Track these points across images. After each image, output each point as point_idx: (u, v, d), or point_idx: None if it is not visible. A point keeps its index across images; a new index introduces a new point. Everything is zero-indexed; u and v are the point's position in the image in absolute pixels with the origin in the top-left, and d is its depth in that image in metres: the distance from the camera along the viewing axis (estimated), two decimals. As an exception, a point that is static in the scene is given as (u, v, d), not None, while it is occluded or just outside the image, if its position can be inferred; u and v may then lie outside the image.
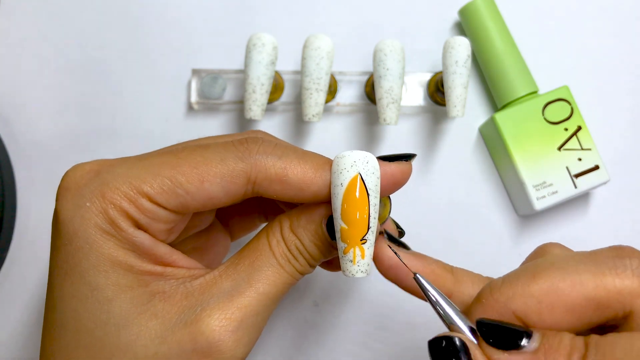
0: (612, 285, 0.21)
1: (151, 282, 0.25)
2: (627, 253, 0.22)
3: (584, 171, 0.38)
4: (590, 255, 0.22)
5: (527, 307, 0.22)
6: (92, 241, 0.24)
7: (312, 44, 0.35)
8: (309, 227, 0.26)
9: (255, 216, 0.34)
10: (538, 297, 0.22)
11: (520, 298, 0.22)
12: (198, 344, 0.23)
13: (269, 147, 0.25)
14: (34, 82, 0.41)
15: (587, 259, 0.22)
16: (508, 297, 0.22)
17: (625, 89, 0.42)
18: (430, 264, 0.27)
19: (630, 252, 0.22)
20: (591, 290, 0.21)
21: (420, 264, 0.26)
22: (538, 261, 0.23)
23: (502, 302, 0.23)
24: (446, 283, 0.26)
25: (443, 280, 0.26)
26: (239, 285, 0.25)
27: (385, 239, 0.27)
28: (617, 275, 0.21)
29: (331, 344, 0.39)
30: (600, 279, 0.21)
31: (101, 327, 0.24)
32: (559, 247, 0.26)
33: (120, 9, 0.41)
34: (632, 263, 0.21)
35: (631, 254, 0.22)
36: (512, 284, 0.23)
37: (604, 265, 0.22)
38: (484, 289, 0.24)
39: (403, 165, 0.26)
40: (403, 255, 0.26)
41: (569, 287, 0.21)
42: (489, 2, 0.40)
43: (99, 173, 0.25)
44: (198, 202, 0.25)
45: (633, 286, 0.21)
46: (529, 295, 0.22)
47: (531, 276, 0.22)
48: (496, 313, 0.23)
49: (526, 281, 0.22)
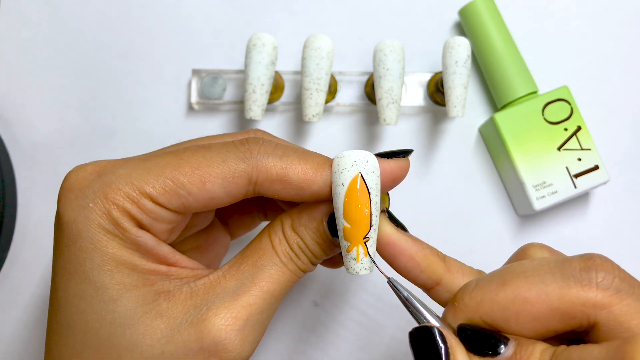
0: (577, 298, 0.22)
1: (156, 281, 0.25)
2: (595, 264, 0.22)
3: (584, 171, 0.38)
4: (559, 265, 0.23)
5: (494, 313, 0.23)
6: (96, 241, 0.24)
7: (312, 44, 0.35)
8: (311, 225, 0.26)
9: (254, 214, 0.34)
10: (504, 305, 0.23)
11: (488, 304, 0.23)
12: (204, 342, 0.24)
13: (270, 148, 0.26)
14: (34, 82, 0.41)
15: (556, 269, 0.22)
16: (477, 303, 0.23)
17: (625, 89, 0.42)
18: (424, 248, 0.27)
19: (599, 264, 0.22)
20: (555, 302, 0.22)
21: (414, 247, 0.27)
22: (511, 266, 0.24)
23: (471, 307, 0.23)
24: (437, 269, 0.26)
25: (435, 266, 0.26)
26: (243, 284, 0.25)
27: (385, 217, 0.27)
28: (582, 288, 0.22)
29: (331, 344, 0.39)
30: (565, 291, 0.22)
31: (107, 327, 0.24)
32: (539, 250, 0.27)
33: (120, 9, 0.41)
34: (597, 276, 0.22)
35: (599, 265, 0.22)
36: (482, 290, 0.23)
37: (571, 277, 0.22)
38: (459, 290, 0.24)
39: (401, 161, 0.27)
40: (401, 236, 0.27)
41: (534, 297, 0.22)
42: (489, 2, 0.40)
43: (101, 174, 0.25)
44: (200, 203, 0.25)
45: (596, 299, 0.21)
46: (495, 302, 0.23)
47: (500, 283, 0.23)
48: (466, 317, 0.24)
49: (495, 288, 0.23)
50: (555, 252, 0.27)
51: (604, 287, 0.22)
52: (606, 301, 0.21)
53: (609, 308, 0.21)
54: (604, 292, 0.21)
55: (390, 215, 0.28)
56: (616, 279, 0.22)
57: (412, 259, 0.27)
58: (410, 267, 0.27)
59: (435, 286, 0.27)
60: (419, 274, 0.27)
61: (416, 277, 0.27)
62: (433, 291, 0.27)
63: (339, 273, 0.40)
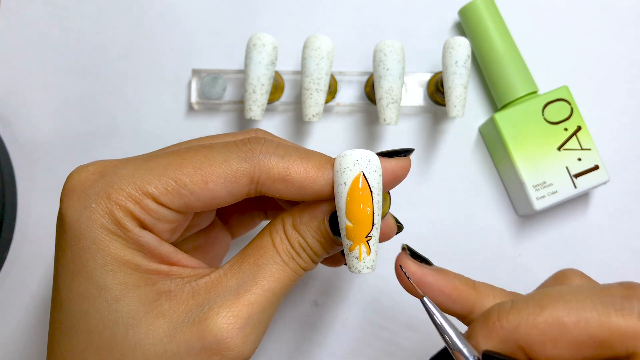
0: (616, 326, 0.21)
1: (158, 281, 0.25)
2: (637, 293, 0.22)
3: (584, 171, 0.38)
4: (598, 292, 0.22)
5: (531, 337, 0.22)
6: (99, 241, 0.24)
7: (312, 44, 0.35)
8: (312, 224, 0.26)
9: (254, 213, 0.35)
10: (542, 329, 0.22)
11: (525, 328, 0.22)
12: (206, 341, 0.24)
13: (272, 147, 0.26)
14: (34, 82, 0.41)
15: (596, 296, 0.22)
16: (513, 326, 0.23)
17: (625, 89, 0.42)
18: (452, 279, 0.27)
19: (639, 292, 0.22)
20: (595, 329, 0.21)
21: (442, 280, 0.27)
22: (548, 290, 0.23)
23: (507, 329, 0.23)
24: (469, 298, 0.26)
25: (466, 295, 0.26)
26: (244, 283, 0.25)
27: (407, 255, 0.27)
28: (622, 317, 0.21)
29: (331, 344, 0.39)
30: (605, 319, 0.21)
31: (110, 327, 0.24)
32: (578, 276, 0.26)
33: (120, 9, 0.41)
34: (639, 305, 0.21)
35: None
36: (520, 312, 0.23)
37: (611, 305, 0.21)
38: (491, 310, 0.24)
39: (402, 160, 0.27)
40: (426, 272, 0.27)
41: (573, 323, 0.22)
42: (489, 2, 0.40)
43: (104, 174, 0.25)
44: (202, 202, 0.25)
45: (637, 329, 0.21)
46: (533, 326, 0.22)
47: (539, 307, 0.22)
48: (500, 340, 0.23)
49: (533, 311, 0.22)
50: (592, 281, 0.27)
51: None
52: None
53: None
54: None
55: (412, 251, 0.28)
56: None
57: (442, 292, 0.27)
58: (441, 300, 0.27)
59: (469, 314, 0.26)
60: (452, 305, 0.27)
61: (449, 308, 0.27)
62: (467, 319, 0.27)
63: (339, 273, 0.40)
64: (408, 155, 0.27)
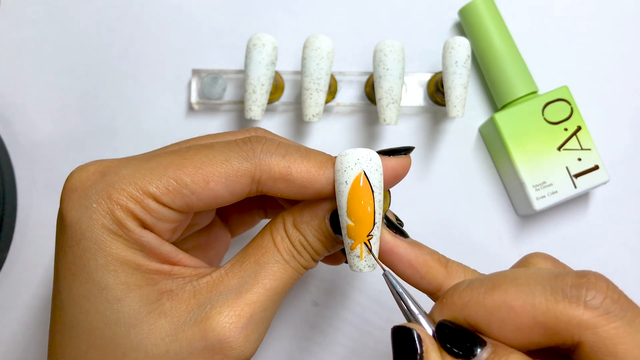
0: (562, 314, 0.21)
1: (159, 281, 0.25)
2: (588, 283, 0.21)
3: (584, 171, 0.38)
4: (552, 278, 0.22)
5: (479, 316, 0.22)
6: (100, 242, 0.24)
7: (312, 44, 0.35)
8: (312, 222, 0.26)
9: (255, 212, 0.35)
10: (490, 310, 0.22)
11: (474, 307, 0.22)
12: (209, 341, 0.24)
13: (273, 146, 0.26)
14: (34, 82, 0.41)
15: (547, 282, 0.22)
16: (463, 303, 0.23)
17: (625, 89, 0.42)
18: (424, 254, 0.27)
19: (592, 282, 0.21)
20: (540, 315, 0.21)
21: (413, 253, 0.27)
22: (505, 272, 0.24)
23: (457, 305, 0.23)
24: (438, 275, 0.26)
25: (435, 272, 0.26)
26: (246, 282, 0.25)
27: (384, 224, 0.27)
28: (569, 305, 0.21)
29: (331, 344, 0.39)
30: (552, 305, 0.21)
31: (111, 327, 0.24)
32: (542, 260, 0.26)
33: (120, 9, 0.41)
34: (587, 294, 0.21)
35: (592, 284, 0.21)
36: (471, 291, 0.23)
37: (560, 292, 0.21)
38: (450, 288, 0.24)
39: (403, 159, 0.27)
40: (399, 243, 0.27)
41: (519, 307, 0.21)
42: (489, 2, 0.40)
43: (104, 174, 0.25)
44: (203, 202, 0.25)
45: (583, 317, 0.21)
46: (482, 306, 0.22)
47: (490, 287, 0.23)
48: (451, 315, 0.23)
49: (483, 291, 0.23)
50: (559, 265, 0.26)
51: (593, 306, 0.21)
52: (592, 322, 0.20)
53: (595, 329, 0.20)
54: (591, 312, 0.21)
55: (389, 220, 0.27)
56: (607, 299, 0.21)
57: (411, 265, 0.26)
58: (409, 273, 0.27)
59: (437, 292, 0.26)
60: (419, 280, 0.26)
61: (417, 283, 0.27)
62: (435, 296, 0.27)
63: (339, 272, 0.40)
64: (408, 154, 0.27)
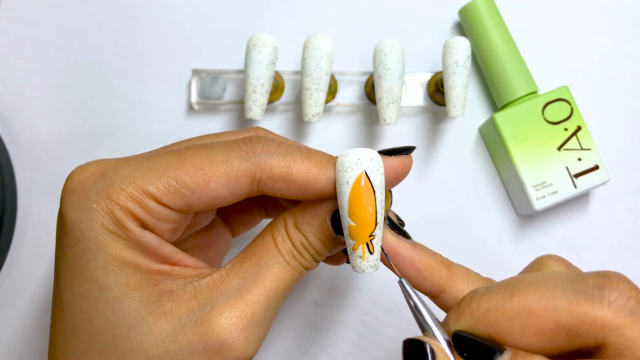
0: (586, 316, 0.20)
1: (160, 281, 0.25)
2: (610, 283, 0.21)
3: (584, 171, 0.38)
4: (572, 280, 0.22)
5: (500, 324, 0.22)
6: (100, 242, 0.24)
7: (312, 44, 0.35)
8: (314, 223, 0.26)
9: (255, 211, 0.34)
10: (510, 316, 0.22)
11: (494, 314, 0.22)
12: (209, 342, 0.24)
13: (273, 146, 0.26)
14: (34, 83, 0.41)
15: (568, 284, 0.21)
16: (483, 311, 0.22)
17: (625, 89, 0.42)
18: (427, 256, 0.27)
19: (614, 282, 0.21)
20: (564, 318, 0.21)
21: (416, 255, 0.26)
22: (522, 277, 0.23)
23: (477, 314, 0.23)
24: (440, 277, 0.26)
25: (438, 274, 0.26)
26: (246, 283, 0.25)
27: (386, 225, 0.27)
28: (593, 306, 0.20)
29: (331, 344, 0.39)
30: (575, 307, 0.21)
31: (111, 328, 0.24)
32: (556, 262, 0.26)
33: (120, 9, 0.41)
34: (611, 295, 0.20)
35: (614, 284, 0.21)
36: (490, 298, 0.22)
37: (582, 293, 0.21)
38: (465, 296, 0.24)
39: (404, 158, 0.27)
40: (401, 244, 0.27)
41: (542, 311, 0.21)
42: (489, 2, 0.40)
43: (104, 174, 0.25)
44: (203, 202, 0.25)
45: (607, 318, 0.20)
46: (502, 313, 0.22)
47: (509, 293, 0.22)
48: (470, 325, 0.23)
49: (503, 297, 0.22)
50: (572, 267, 0.26)
51: (617, 307, 0.20)
52: (617, 322, 0.20)
53: (620, 331, 0.20)
54: (616, 313, 0.20)
55: (391, 221, 0.27)
56: (631, 300, 0.20)
57: (413, 267, 0.26)
58: (412, 275, 0.26)
59: (440, 294, 0.26)
60: (422, 281, 0.26)
61: (419, 284, 0.27)
62: (438, 299, 0.27)
63: (339, 273, 0.40)
64: (409, 153, 0.27)
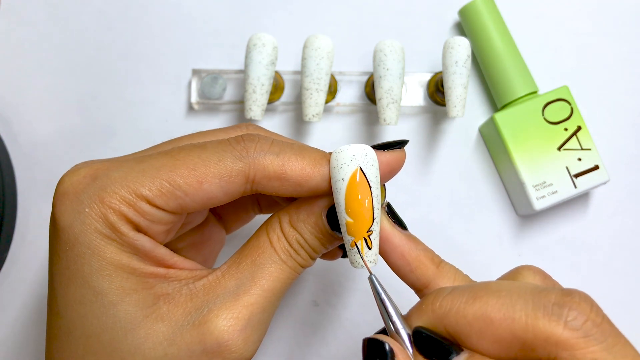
0: (541, 331, 0.21)
1: (155, 284, 0.25)
2: (571, 302, 0.21)
3: (584, 171, 0.38)
4: (535, 294, 0.22)
5: (459, 326, 0.22)
6: (94, 246, 0.24)
7: (312, 44, 0.35)
8: (309, 220, 0.26)
9: (248, 208, 0.34)
10: (469, 321, 0.22)
11: (454, 316, 0.22)
12: (207, 344, 0.24)
13: (266, 145, 0.25)
14: (34, 82, 0.41)
15: (530, 296, 0.22)
16: (445, 312, 0.23)
17: (625, 89, 0.42)
18: (418, 250, 0.27)
19: (575, 302, 0.21)
20: (519, 329, 0.21)
21: (407, 246, 0.27)
22: (489, 283, 0.23)
23: (438, 314, 0.23)
24: (427, 273, 0.26)
25: (425, 269, 0.26)
26: (243, 283, 0.25)
27: (384, 212, 0.27)
28: (550, 322, 0.21)
29: (331, 344, 0.39)
30: (532, 321, 0.21)
31: (108, 332, 0.24)
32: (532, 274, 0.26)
33: (120, 9, 0.41)
34: (569, 314, 0.21)
35: (575, 303, 0.21)
36: (453, 300, 0.23)
37: (542, 308, 0.21)
38: (430, 293, 0.24)
39: (397, 152, 0.27)
40: (395, 232, 0.27)
41: (500, 320, 0.21)
42: (489, 2, 0.40)
43: (96, 178, 0.24)
44: (197, 203, 0.25)
45: (561, 337, 0.20)
46: (462, 316, 0.22)
47: (472, 297, 0.22)
48: (430, 322, 0.23)
49: (466, 301, 0.22)
50: (549, 281, 0.26)
51: (573, 327, 0.20)
52: (571, 342, 0.20)
53: (572, 351, 0.20)
54: (571, 333, 0.20)
55: (391, 210, 0.27)
56: (589, 322, 0.20)
57: (402, 257, 0.26)
58: (400, 264, 0.27)
59: (424, 289, 0.26)
60: (408, 273, 0.26)
61: (405, 276, 0.27)
62: (421, 293, 0.27)
63: (339, 272, 0.40)
64: (403, 147, 0.27)
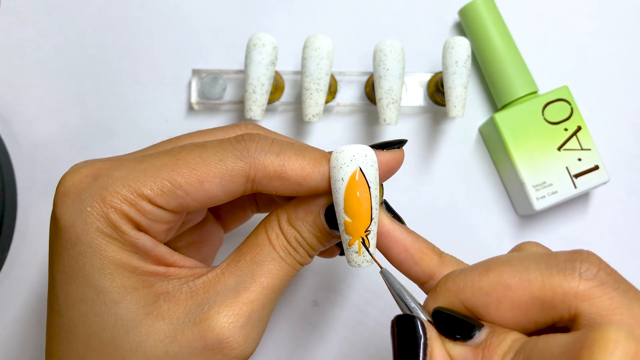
0: (558, 287, 0.21)
1: (155, 282, 0.25)
2: (581, 257, 0.22)
3: (584, 171, 0.38)
4: (545, 257, 0.22)
5: (476, 299, 0.22)
6: (96, 245, 0.24)
7: (312, 44, 0.35)
8: (307, 218, 0.26)
9: (247, 207, 0.34)
10: (486, 291, 0.22)
11: (469, 290, 0.23)
12: (208, 341, 0.24)
13: (267, 144, 0.26)
14: (34, 82, 0.41)
15: (541, 259, 0.22)
16: (459, 288, 0.23)
17: (625, 89, 0.42)
18: (419, 241, 0.27)
19: (585, 257, 0.22)
20: (537, 289, 0.21)
21: (409, 239, 0.27)
22: (498, 256, 0.24)
23: (453, 291, 0.23)
24: (431, 263, 0.26)
25: (429, 260, 0.26)
26: (243, 281, 0.25)
27: (383, 208, 0.27)
28: (565, 277, 0.21)
29: (331, 344, 0.39)
30: (548, 279, 0.21)
31: (110, 330, 0.24)
32: (534, 246, 0.26)
33: (120, 9, 0.41)
34: (582, 266, 0.21)
35: (585, 257, 0.22)
36: (466, 276, 0.23)
37: (554, 267, 0.22)
38: (442, 278, 0.24)
39: (396, 152, 0.27)
40: (396, 227, 0.27)
41: (516, 284, 0.22)
42: (489, 2, 0.40)
43: (97, 177, 0.25)
44: (198, 202, 0.25)
45: (579, 289, 0.21)
46: (478, 288, 0.22)
47: (484, 270, 0.23)
48: (447, 302, 0.23)
49: (478, 274, 0.23)
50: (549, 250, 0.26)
51: (588, 277, 0.21)
52: (588, 292, 0.21)
53: (591, 300, 0.21)
54: (587, 283, 0.21)
55: (388, 206, 0.28)
56: (601, 271, 0.21)
57: (406, 250, 0.27)
58: (403, 258, 0.27)
59: (429, 280, 0.26)
60: (412, 266, 0.27)
61: (409, 269, 0.27)
62: (427, 285, 0.27)
63: (339, 272, 0.40)
64: (401, 147, 0.27)
